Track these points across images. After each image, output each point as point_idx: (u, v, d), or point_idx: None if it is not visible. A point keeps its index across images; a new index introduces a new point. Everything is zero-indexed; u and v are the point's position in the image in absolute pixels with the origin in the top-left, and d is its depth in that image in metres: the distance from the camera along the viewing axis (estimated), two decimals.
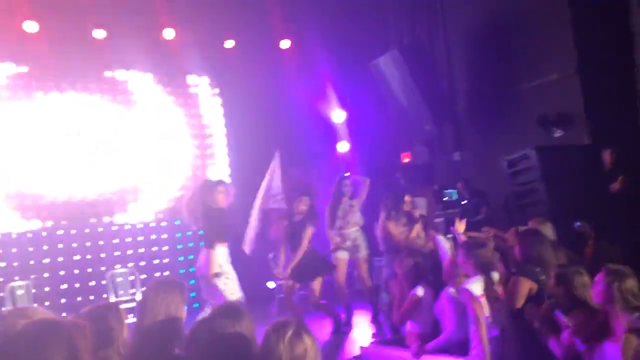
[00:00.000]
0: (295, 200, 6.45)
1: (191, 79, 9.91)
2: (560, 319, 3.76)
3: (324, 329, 6.42)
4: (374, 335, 6.30)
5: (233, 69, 9.66)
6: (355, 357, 5.48)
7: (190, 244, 9.24)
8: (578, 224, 5.51)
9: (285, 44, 10.06)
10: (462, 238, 5.09)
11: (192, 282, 7.30)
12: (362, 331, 6.53)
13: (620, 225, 6.31)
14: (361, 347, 5.52)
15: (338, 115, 10.42)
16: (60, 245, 8.42)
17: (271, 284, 8.49)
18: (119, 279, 8.14)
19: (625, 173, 6.87)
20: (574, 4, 7.75)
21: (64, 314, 6.20)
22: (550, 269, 4.02)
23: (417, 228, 6.27)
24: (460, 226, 5.23)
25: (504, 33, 8.68)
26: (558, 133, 7.94)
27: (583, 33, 7.74)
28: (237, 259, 5.93)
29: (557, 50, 7.97)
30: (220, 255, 5.45)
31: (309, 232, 6.30)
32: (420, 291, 4.99)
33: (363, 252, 6.85)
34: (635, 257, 4.70)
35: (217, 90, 10.11)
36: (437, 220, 8.09)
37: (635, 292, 3.21)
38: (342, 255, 6.81)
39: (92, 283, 8.49)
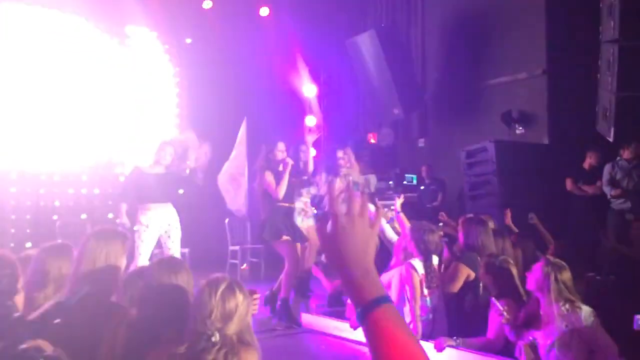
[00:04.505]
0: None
1: (164, 36, 9.67)
2: (494, 304, 3.92)
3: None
4: (317, 305, 6.37)
5: (209, 29, 9.47)
6: (294, 325, 5.54)
7: None
8: (531, 215, 5.69)
9: (264, 11, 9.95)
10: (400, 215, 5.34)
11: None
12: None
13: (573, 226, 6.55)
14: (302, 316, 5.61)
15: (309, 89, 10.40)
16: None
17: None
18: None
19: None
20: (549, 7, 7.88)
21: None
22: None
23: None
24: (398, 202, 5.49)
25: (478, 28, 8.79)
26: (519, 130, 8.12)
27: (555, 36, 7.89)
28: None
29: (528, 50, 8.11)
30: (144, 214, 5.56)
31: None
32: None
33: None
34: (573, 254, 4.92)
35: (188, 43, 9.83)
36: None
37: (569, 285, 3.39)
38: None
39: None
